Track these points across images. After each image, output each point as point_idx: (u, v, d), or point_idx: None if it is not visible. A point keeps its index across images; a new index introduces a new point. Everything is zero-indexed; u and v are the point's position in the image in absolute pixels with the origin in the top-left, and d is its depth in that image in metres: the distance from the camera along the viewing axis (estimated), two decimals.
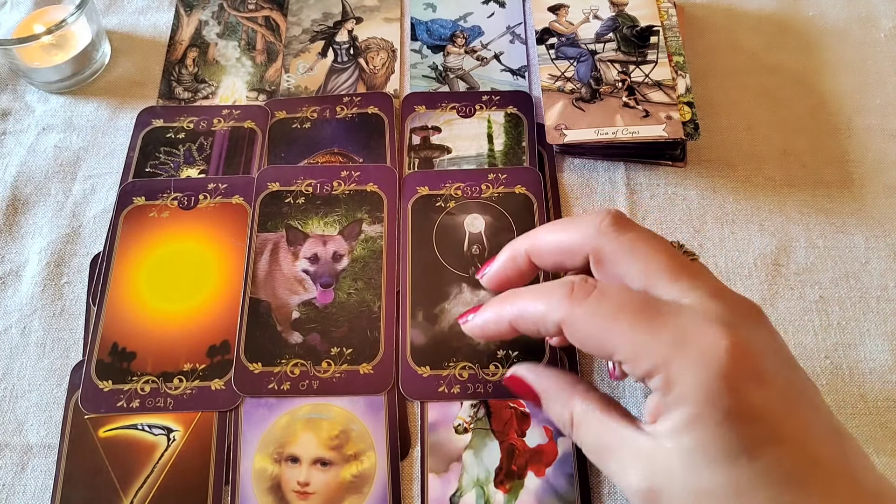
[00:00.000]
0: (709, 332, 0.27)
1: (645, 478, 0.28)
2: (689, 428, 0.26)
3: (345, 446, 0.39)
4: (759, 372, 0.26)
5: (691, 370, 0.26)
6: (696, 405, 0.26)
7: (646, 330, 0.27)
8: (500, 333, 0.33)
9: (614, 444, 0.29)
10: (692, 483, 0.26)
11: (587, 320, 0.29)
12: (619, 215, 0.31)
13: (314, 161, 0.48)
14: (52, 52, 0.50)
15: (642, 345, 0.27)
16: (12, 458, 0.40)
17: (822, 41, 0.54)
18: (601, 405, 0.31)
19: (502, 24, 0.54)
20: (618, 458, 0.29)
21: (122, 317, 0.42)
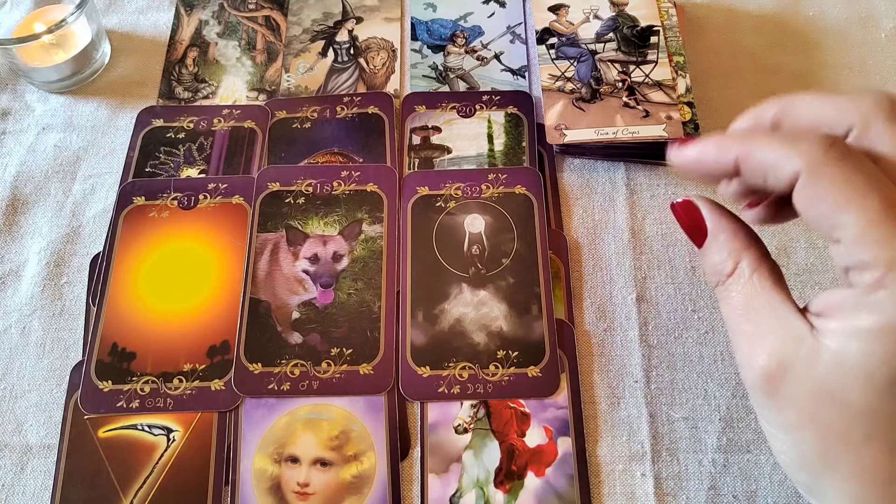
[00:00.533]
0: None
1: (775, 359, 0.26)
2: (869, 336, 0.24)
3: (345, 447, 0.39)
4: None
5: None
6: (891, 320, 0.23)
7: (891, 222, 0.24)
8: (716, 168, 0.29)
9: (763, 310, 0.27)
10: (829, 387, 0.25)
11: (835, 180, 0.25)
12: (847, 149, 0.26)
13: (314, 161, 0.48)
14: (52, 52, 0.50)
15: (878, 237, 0.24)
16: (12, 459, 0.40)
17: (822, 41, 0.53)
18: (770, 270, 0.28)
19: (502, 24, 0.54)
20: (760, 325, 0.27)
21: (121, 317, 0.42)
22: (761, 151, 0.27)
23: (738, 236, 0.29)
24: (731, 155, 0.28)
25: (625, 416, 0.40)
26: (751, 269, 0.28)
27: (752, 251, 0.29)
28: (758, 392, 0.27)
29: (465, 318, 0.42)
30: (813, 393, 0.25)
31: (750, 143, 0.28)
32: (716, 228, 0.30)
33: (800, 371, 0.25)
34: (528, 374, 0.41)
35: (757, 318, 0.27)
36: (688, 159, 0.30)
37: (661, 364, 0.42)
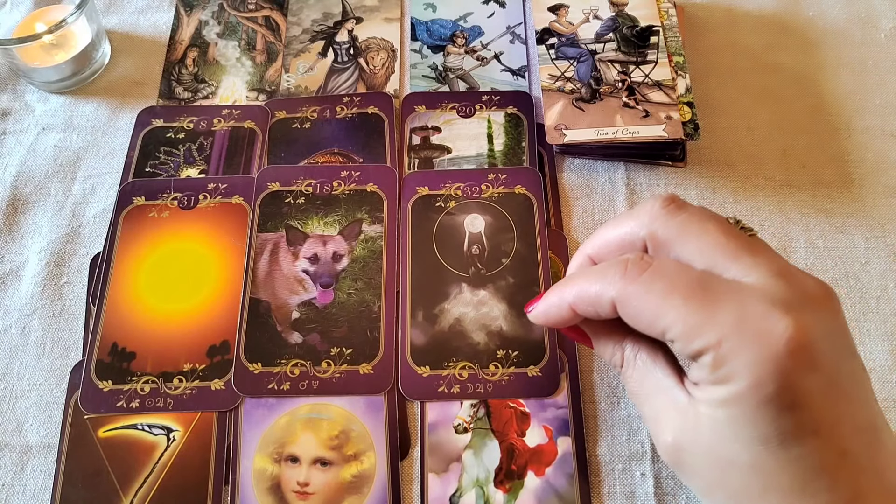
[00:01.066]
0: (769, 316, 0.26)
1: (675, 433, 0.28)
2: (728, 404, 0.26)
3: (344, 446, 0.39)
4: (812, 360, 0.26)
5: (745, 353, 0.26)
6: (741, 384, 0.26)
7: (701, 308, 0.27)
8: (564, 319, 0.32)
9: (653, 390, 0.30)
10: (719, 452, 0.27)
11: (640, 297, 0.28)
12: (671, 198, 0.30)
13: (314, 161, 0.48)
14: (53, 52, 0.50)
15: (696, 324, 0.27)
16: (12, 458, 0.40)
17: (822, 41, 0.54)
18: (649, 351, 0.31)
19: (502, 24, 0.54)
20: (654, 406, 0.30)
21: (121, 317, 0.42)
22: (585, 293, 0.30)
23: (613, 331, 0.32)
24: (566, 306, 0.32)
25: (625, 415, 0.40)
26: (633, 354, 0.31)
27: (628, 339, 0.32)
28: (671, 464, 0.30)
29: (464, 318, 0.42)
30: (708, 459, 0.27)
31: (576, 286, 0.31)
32: (593, 331, 0.33)
33: (692, 441, 0.28)
34: (527, 373, 0.41)
35: (651, 399, 0.30)
36: (539, 318, 0.34)
37: None
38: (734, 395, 0.26)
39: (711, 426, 0.27)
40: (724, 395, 0.26)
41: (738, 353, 0.26)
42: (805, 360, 0.26)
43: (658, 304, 0.28)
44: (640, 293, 0.28)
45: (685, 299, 0.27)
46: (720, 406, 0.27)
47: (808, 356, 0.26)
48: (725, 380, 0.26)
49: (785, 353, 0.25)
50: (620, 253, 0.31)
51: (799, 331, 0.25)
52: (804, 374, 0.26)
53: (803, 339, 0.26)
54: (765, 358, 0.25)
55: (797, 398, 0.25)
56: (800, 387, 0.25)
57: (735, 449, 0.26)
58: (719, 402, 0.27)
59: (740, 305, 0.26)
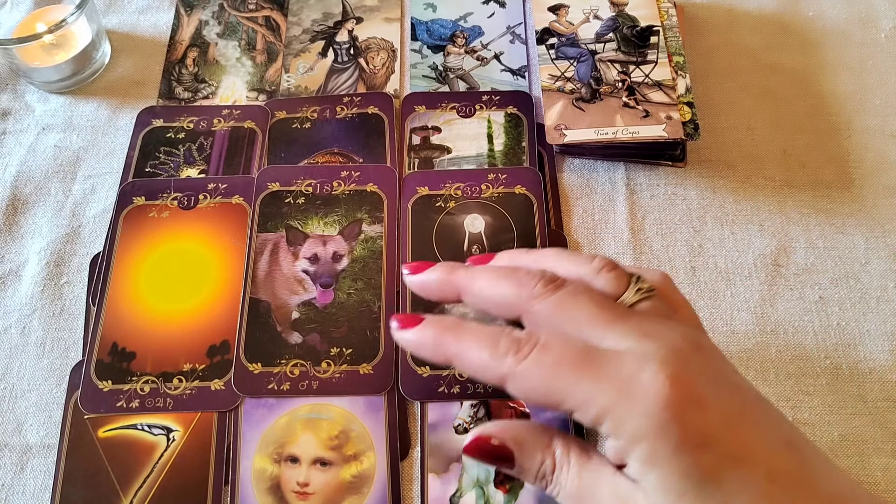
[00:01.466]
0: (645, 370, 0.27)
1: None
2: (650, 465, 0.27)
3: (344, 446, 0.39)
4: (698, 398, 0.27)
5: (636, 409, 0.27)
6: (648, 441, 0.27)
7: (588, 378, 0.28)
8: (430, 359, 0.32)
9: (594, 485, 0.30)
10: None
11: (532, 374, 0.29)
12: (549, 277, 0.31)
13: (314, 161, 0.48)
14: (53, 52, 0.50)
15: (587, 393, 0.28)
16: (12, 458, 0.40)
17: (822, 41, 0.54)
18: (580, 448, 0.31)
19: (502, 24, 0.54)
20: (597, 500, 0.29)
21: (121, 317, 0.42)
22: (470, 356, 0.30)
23: (539, 434, 0.32)
24: (441, 356, 0.31)
25: None
26: (565, 455, 0.31)
27: (557, 438, 0.31)
28: None
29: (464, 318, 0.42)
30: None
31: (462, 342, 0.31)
32: (515, 441, 0.31)
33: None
34: None
35: (594, 495, 0.29)
36: (402, 344, 0.33)
37: None
38: (650, 453, 0.27)
39: (656, 496, 0.27)
40: (643, 457, 0.27)
41: (631, 410, 0.27)
42: (691, 402, 0.27)
43: (550, 380, 0.28)
44: (532, 370, 0.29)
45: (574, 372, 0.28)
46: (647, 471, 0.27)
47: (692, 398, 0.27)
48: (634, 442, 0.27)
49: (671, 396, 0.27)
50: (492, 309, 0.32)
51: (674, 379, 0.27)
52: (696, 414, 0.27)
53: (682, 380, 0.27)
54: (656, 407, 0.27)
55: (702, 436, 0.26)
56: (698, 426, 0.27)
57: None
58: (643, 467, 0.27)
59: (619, 369, 0.28)
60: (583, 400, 0.28)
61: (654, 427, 0.27)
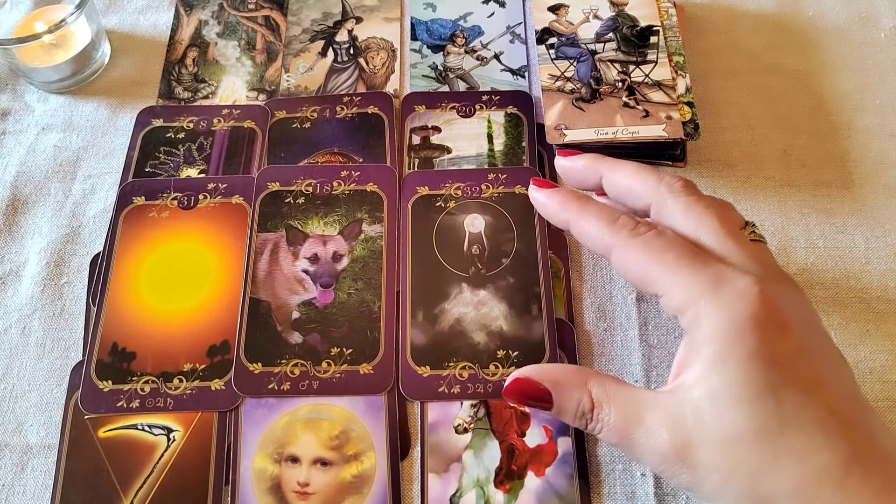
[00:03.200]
0: (742, 280, 0.29)
1: (676, 434, 0.28)
2: (717, 367, 0.28)
3: (345, 446, 0.39)
4: (783, 323, 0.28)
5: (721, 309, 0.28)
6: (723, 343, 0.28)
7: (688, 268, 0.30)
8: (554, 221, 0.36)
9: (639, 412, 0.30)
10: (722, 428, 0.27)
11: (637, 251, 0.31)
12: (689, 182, 0.34)
13: (314, 161, 0.48)
14: (52, 52, 0.50)
15: (681, 280, 0.30)
16: (12, 458, 0.40)
17: (822, 41, 0.54)
18: (615, 381, 0.32)
19: (502, 24, 0.54)
20: (644, 426, 0.29)
21: (121, 317, 0.42)
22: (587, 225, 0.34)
23: (574, 374, 0.33)
24: (563, 219, 0.35)
25: None
26: (602, 389, 0.31)
27: (592, 377, 0.32)
28: (680, 474, 0.29)
29: (465, 318, 0.42)
30: (717, 447, 0.27)
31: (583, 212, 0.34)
32: (552, 381, 0.32)
33: (697, 432, 0.28)
34: None
35: (639, 422, 0.30)
36: (536, 200, 0.37)
37: (661, 364, 0.42)
38: (720, 355, 0.28)
39: (710, 401, 0.28)
40: (711, 357, 0.28)
41: (716, 309, 0.28)
42: (776, 322, 0.28)
43: (652, 259, 0.31)
44: (639, 248, 0.31)
45: (677, 258, 0.30)
46: (711, 373, 0.28)
47: (778, 320, 0.28)
48: (708, 340, 0.28)
49: (758, 309, 0.28)
50: (625, 197, 0.35)
51: (767, 296, 0.28)
52: (777, 334, 0.28)
53: (772, 304, 0.28)
54: (741, 313, 0.28)
55: (777, 354, 0.27)
56: (777, 344, 0.28)
57: (738, 418, 0.27)
58: (709, 368, 0.28)
59: (720, 270, 0.29)
60: (675, 284, 0.30)
61: (733, 330, 0.28)
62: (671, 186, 0.33)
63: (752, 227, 0.33)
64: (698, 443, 0.28)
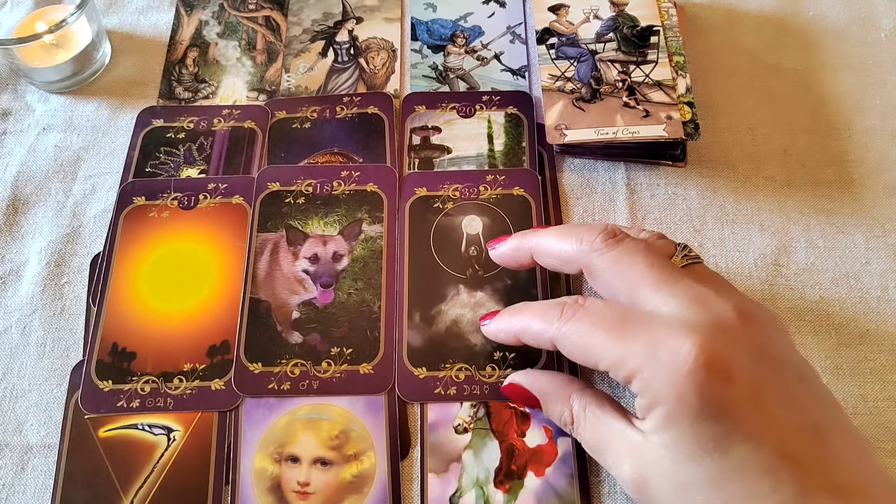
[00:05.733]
0: (676, 336, 0.29)
1: (636, 469, 0.30)
2: (667, 426, 0.29)
3: (345, 446, 0.39)
4: (725, 371, 0.28)
5: (661, 373, 0.29)
6: (668, 404, 0.29)
7: (619, 343, 0.30)
8: (510, 342, 0.36)
9: (608, 436, 0.32)
10: (676, 475, 0.29)
11: (572, 336, 0.32)
12: (612, 231, 0.34)
13: (314, 161, 0.48)
14: (53, 52, 0.50)
15: (618, 356, 0.30)
16: (12, 458, 0.40)
17: (822, 41, 0.53)
18: (596, 401, 0.34)
19: (502, 24, 0.54)
20: (612, 451, 0.32)
21: (122, 317, 0.43)
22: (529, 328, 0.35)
23: (560, 386, 0.35)
24: (513, 335, 0.36)
25: None
26: (582, 408, 0.34)
27: (575, 392, 0.35)
28: (640, 501, 0.31)
29: (461, 320, 0.42)
30: (671, 485, 0.29)
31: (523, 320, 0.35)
32: (541, 390, 0.36)
33: (654, 473, 0.29)
34: None
35: (608, 446, 0.32)
36: (489, 335, 0.38)
37: None
38: (668, 415, 0.29)
39: (665, 452, 0.29)
40: (661, 417, 0.29)
41: (656, 376, 0.29)
42: (717, 373, 0.28)
43: (587, 341, 0.31)
44: (572, 332, 0.32)
45: (607, 335, 0.31)
46: (663, 430, 0.29)
47: (719, 370, 0.28)
48: (656, 402, 0.29)
49: (695, 369, 0.28)
50: (556, 264, 0.36)
51: (704, 348, 0.28)
52: (721, 386, 0.28)
53: (710, 356, 0.28)
54: (678, 375, 0.28)
55: (721, 407, 0.28)
56: (720, 397, 0.28)
57: (690, 469, 0.28)
58: (660, 426, 0.29)
59: (652, 334, 0.29)
60: (615, 361, 0.30)
61: (675, 392, 0.28)
62: (592, 244, 0.33)
63: (683, 251, 0.34)
64: (655, 481, 0.30)
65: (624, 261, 0.32)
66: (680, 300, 0.30)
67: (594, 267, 0.33)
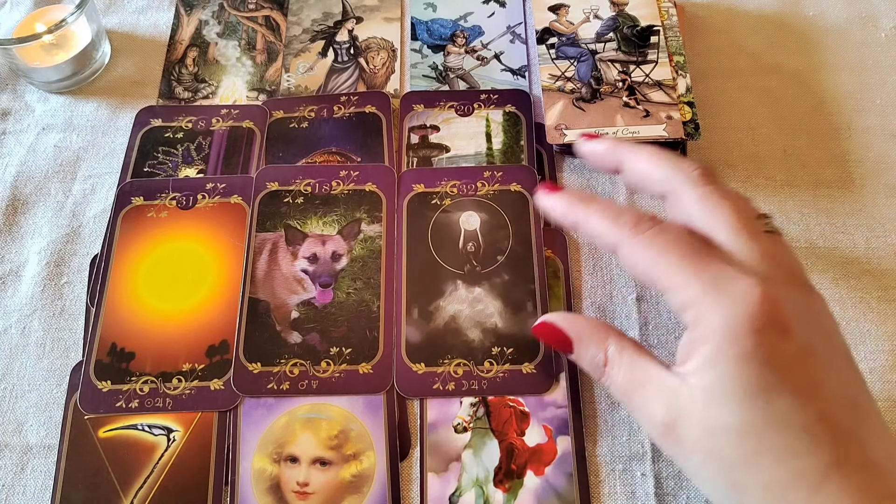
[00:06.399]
0: (746, 278, 0.29)
1: (667, 411, 0.30)
2: (712, 364, 0.28)
3: (344, 446, 0.39)
4: (783, 327, 0.28)
5: (721, 309, 0.28)
6: (719, 342, 0.28)
7: (690, 268, 0.30)
8: (563, 223, 0.36)
9: (643, 380, 0.31)
10: (709, 419, 0.28)
11: (641, 250, 0.31)
12: (709, 170, 0.34)
13: (312, 160, 0.48)
14: (53, 52, 0.50)
15: (683, 279, 0.30)
16: (12, 459, 0.40)
17: (822, 41, 0.53)
18: (633, 347, 0.33)
19: (502, 24, 0.54)
20: (644, 393, 0.31)
21: (120, 317, 0.42)
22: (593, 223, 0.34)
23: (596, 330, 0.34)
24: (570, 219, 0.35)
25: (625, 415, 0.40)
26: (618, 351, 0.33)
27: (612, 337, 0.34)
28: (666, 446, 0.31)
29: (459, 315, 0.42)
30: (702, 429, 0.29)
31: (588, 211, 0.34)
32: (576, 332, 0.35)
33: (686, 415, 0.29)
34: (522, 370, 0.41)
35: (641, 388, 0.31)
36: (545, 202, 0.37)
37: None
38: (716, 353, 0.28)
39: (703, 394, 0.28)
40: (708, 355, 0.28)
41: (715, 309, 0.29)
42: (776, 325, 0.28)
43: (655, 257, 0.31)
44: (643, 246, 0.31)
45: (680, 257, 0.30)
46: (707, 369, 0.28)
47: (778, 322, 0.28)
48: (706, 338, 0.29)
49: (757, 313, 0.28)
50: (643, 184, 0.35)
51: (769, 298, 0.28)
52: (776, 337, 0.28)
53: (774, 306, 0.28)
54: (739, 314, 0.28)
55: (772, 357, 0.28)
56: (773, 347, 0.28)
57: (726, 413, 0.28)
58: (705, 364, 0.29)
59: (722, 270, 0.29)
60: (677, 284, 0.30)
61: (730, 330, 0.28)
62: (688, 175, 0.33)
63: (766, 218, 0.33)
64: (686, 424, 0.29)
65: (713, 200, 0.32)
66: (756, 251, 0.30)
67: (682, 196, 0.33)
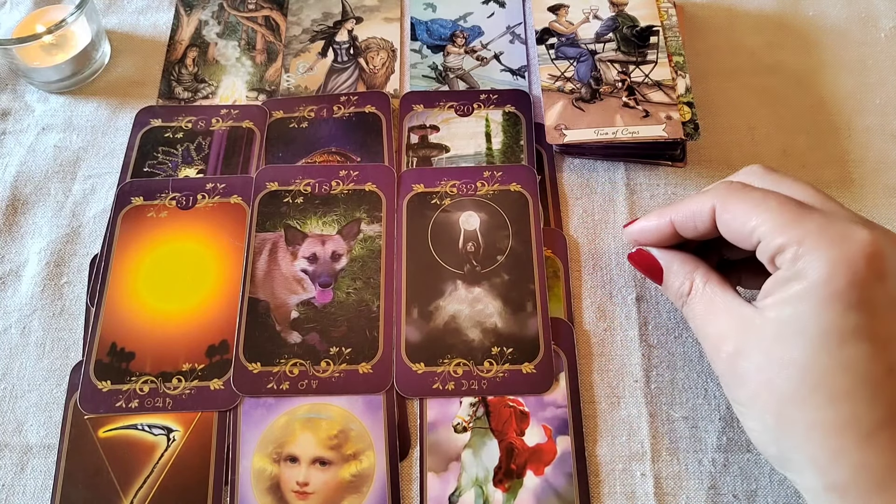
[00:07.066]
0: (853, 225, 0.29)
1: (735, 340, 0.31)
2: (797, 300, 0.29)
3: (344, 446, 0.39)
4: (882, 271, 0.28)
5: (822, 249, 0.29)
6: (812, 280, 0.29)
7: (791, 213, 0.30)
8: (660, 234, 0.37)
9: (721, 310, 0.33)
10: (775, 350, 0.29)
11: (739, 200, 0.32)
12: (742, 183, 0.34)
13: (312, 160, 0.48)
14: (52, 52, 0.50)
15: (784, 222, 0.30)
16: (12, 458, 0.40)
17: (822, 41, 0.53)
18: (718, 281, 0.34)
19: (502, 24, 0.54)
20: (719, 322, 0.33)
21: (120, 317, 0.42)
22: (687, 207, 0.35)
23: (686, 262, 0.36)
24: (667, 220, 0.36)
25: (625, 415, 0.40)
26: (703, 282, 0.35)
27: (700, 269, 0.36)
28: (724, 374, 0.32)
29: (459, 315, 0.42)
30: (763, 360, 0.30)
31: (677, 206, 0.36)
32: (667, 262, 0.37)
33: (753, 345, 0.30)
34: (522, 370, 0.41)
35: (716, 319, 0.33)
36: (634, 233, 0.39)
37: (661, 364, 0.42)
38: (805, 289, 0.29)
39: (776, 327, 0.29)
40: (795, 291, 0.29)
41: (815, 250, 0.29)
42: (876, 269, 0.28)
43: (754, 205, 0.32)
44: (740, 197, 0.32)
45: (780, 204, 0.31)
46: (789, 303, 0.29)
47: (879, 266, 0.28)
48: (798, 276, 0.29)
49: (860, 257, 0.28)
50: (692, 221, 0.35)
51: (876, 242, 0.29)
52: (873, 281, 0.28)
53: (878, 250, 0.28)
54: (841, 256, 0.28)
55: (862, 300, 0.28)
56: (867, 291, 0.28)
57: (794, 347, 0.29)
58: (789, 298, 0.29)
59: (828, 218, 0.30)
60: (776, 228, 0.30)
61: (828, 269, 0.28)
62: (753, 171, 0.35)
63: None
64: (749, 354, 0.30)
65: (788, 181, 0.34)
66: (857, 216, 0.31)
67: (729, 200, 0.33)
